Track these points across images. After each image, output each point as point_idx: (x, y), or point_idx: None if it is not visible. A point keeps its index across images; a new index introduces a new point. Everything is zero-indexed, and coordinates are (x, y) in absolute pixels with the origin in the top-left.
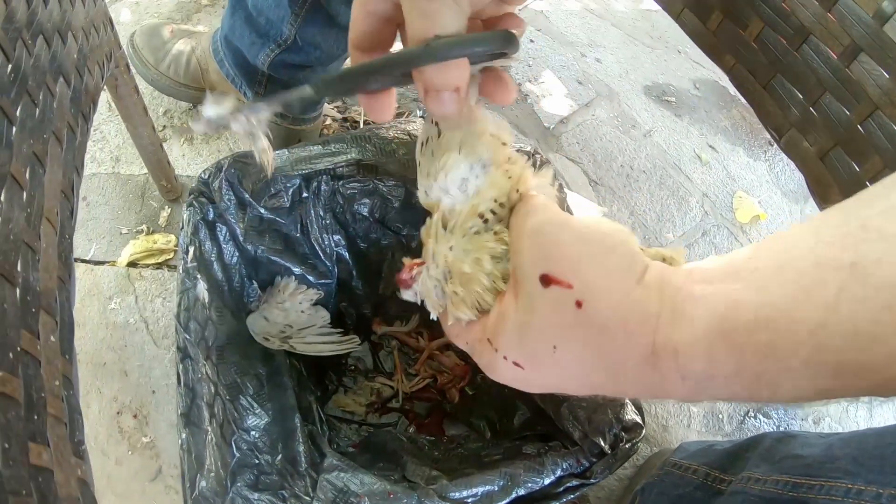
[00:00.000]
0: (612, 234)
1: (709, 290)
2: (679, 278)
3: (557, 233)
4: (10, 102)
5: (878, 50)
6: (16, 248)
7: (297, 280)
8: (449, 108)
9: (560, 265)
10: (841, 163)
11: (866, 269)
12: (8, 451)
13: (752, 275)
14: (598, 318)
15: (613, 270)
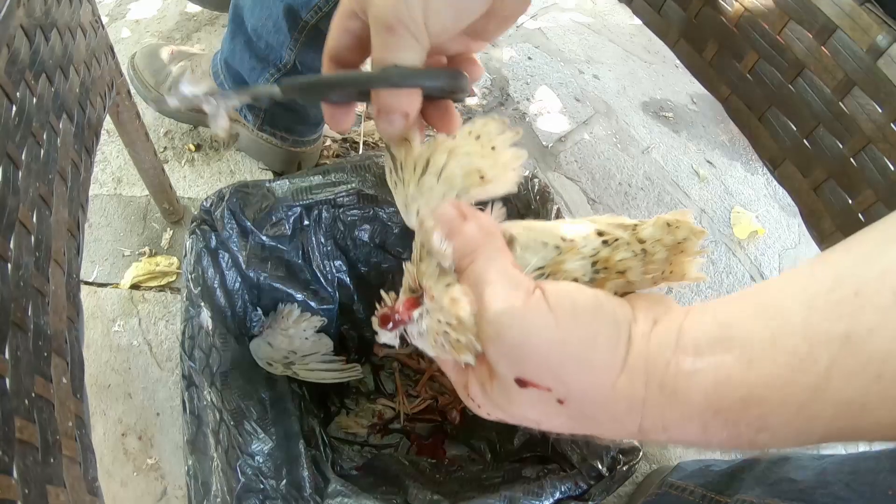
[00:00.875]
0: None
1: (700, 365)
2: (666, 352)
3: (524, 337)
4: (16, 146)
5: (872, 84)
6: (26, 295)
7: (300, 307)
8: (396, 128)
9: (535, 371)
10: (834, 195)
11: (859, 342)
12: (28, 497)
13: (740, 345)
14: (582, 412)
15: (596, 369)
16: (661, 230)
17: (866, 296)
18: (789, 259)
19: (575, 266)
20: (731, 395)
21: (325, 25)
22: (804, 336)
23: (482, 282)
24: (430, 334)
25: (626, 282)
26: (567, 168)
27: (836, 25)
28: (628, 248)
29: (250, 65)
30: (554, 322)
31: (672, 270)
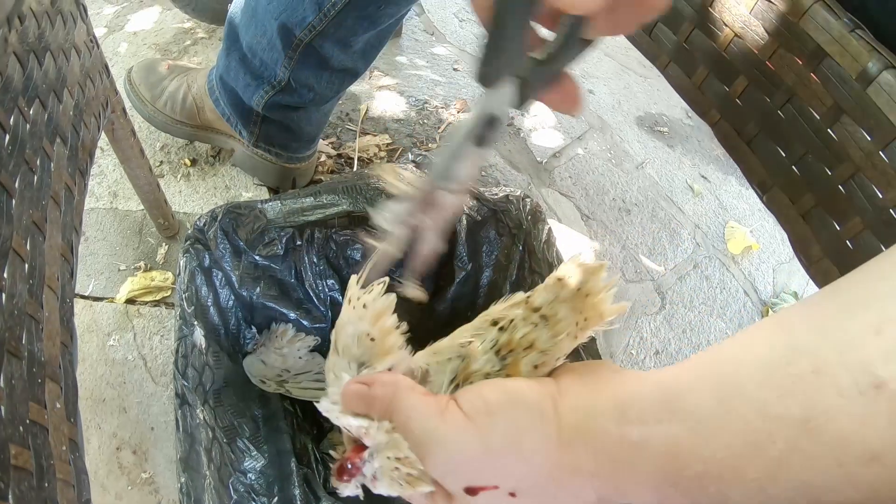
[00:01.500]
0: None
1: (647, 434)
2: (607, 422)
3: (451, 449)
4: (9, 175)
5: (861, 112)
6: (20, 323)
7: (294, 327)
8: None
9: (476, 476)
10: (822, 221)
11: (819, 426)
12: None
13: (692, 418)
14: (538, 496)
15: (529, 453)
16: (553, 289)
17: (826, 376)
18: (783, 273)
19: (481, 363)
20: (686, 469)
21: (319, 44)
22: (759, 412)
23: (405, 420)
24: (385, 473)
25: (539, 352)
26: (561, 184)
27: (826, 52)
28: (525, 323)
29: (245, 81)
30: (472, 427)
31: (587, 317)
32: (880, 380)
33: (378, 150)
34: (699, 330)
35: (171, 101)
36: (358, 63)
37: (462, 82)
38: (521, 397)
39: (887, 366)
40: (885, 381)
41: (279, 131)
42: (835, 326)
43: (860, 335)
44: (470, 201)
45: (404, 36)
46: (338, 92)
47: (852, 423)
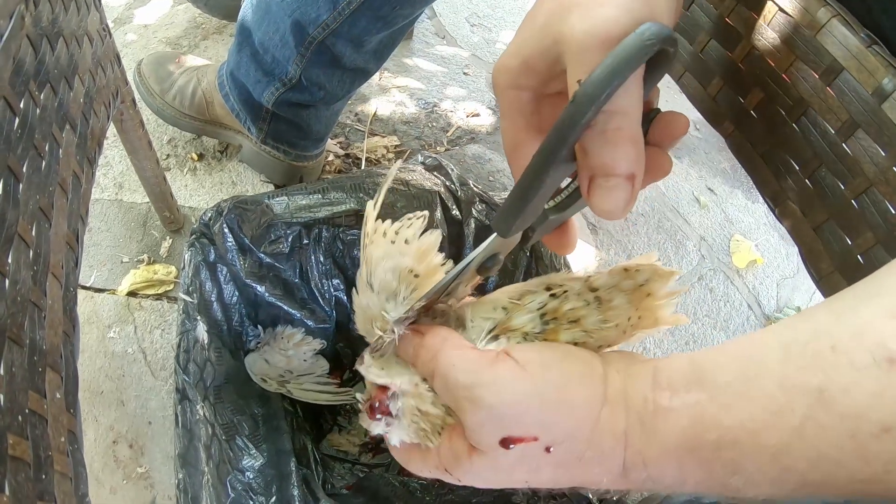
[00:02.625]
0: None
1: (676, 402)
2: (644, 386)
3: (502, 396)
4: (17, 159)
5: (876, 127)
6: (23, 310)
7: (303, 330)
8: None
9: (518, 426)
10: (834, 236)
11: (833, 398)
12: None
13: (717, 388)
14: (570, 455)
15: (578, 407)
16: (617, 276)
17: (842, 352)
18: (787, 288)
19: (523, 320)
20: (705, 434)
21: (332, 42)
22: (779, 384)
23: (449, 367)
24: (407, 414)
25: (583, 331)
26: None
27: (843, 66)
28: (579, 298)
29: (256, 77)
30: (526, 375)
31: (640, 316)
32: (894, 355)
33: (386, 151)
34: (702, 342)
35: (181, 94)
36: (370, 63)
37: (472, 86)
38: (574, 355)
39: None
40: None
41: (288, 128)
42: (851, 313)
43: (876, 319)
44: (479, 205)
45: (415, 38)
46: (349, 91)
47: (866, 395)
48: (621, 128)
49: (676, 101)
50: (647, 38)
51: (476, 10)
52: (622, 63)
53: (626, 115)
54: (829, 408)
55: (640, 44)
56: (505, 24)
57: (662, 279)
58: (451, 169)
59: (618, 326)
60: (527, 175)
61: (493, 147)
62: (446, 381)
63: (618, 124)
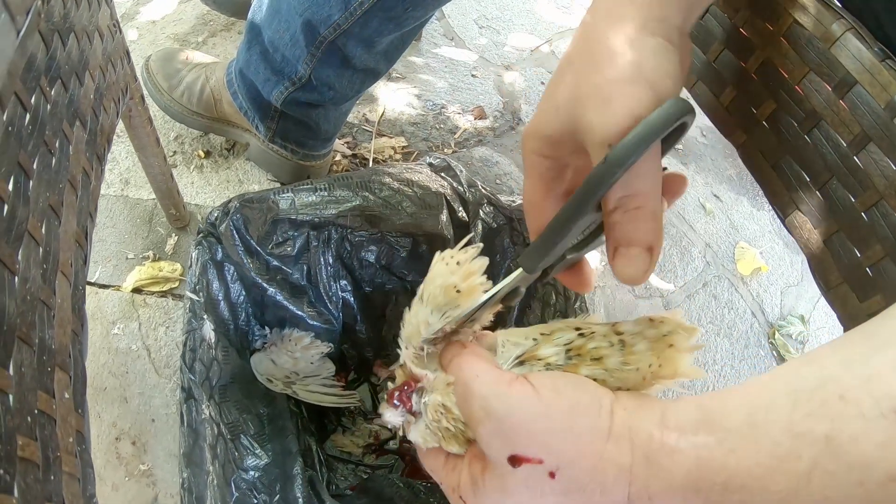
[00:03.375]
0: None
1: (683, 443)
2: (650, 425)
3: (512, 412)
4: (28, 155)
5: (888, 141)
6: (32, 308)
7: (312, 335)
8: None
9: (526, 445)
10: (843, 248)
11: (841, 446)
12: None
13: (725, 432)
14: (573, 484)
15: (582, 435)
16: (642, 325)
17: (850, 401)
18: (791, 296)
19: (549, 352)
20: (712, 477)
21: (343, 42)
22: (787, 430)
23: (468, 380)
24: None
25: (604, 370)
26: None
27: (856, 80)
28: (604, 339)
29: (265, 76)
30: (537, 396)
31: (661, 364)
32: None
33: (393, 152)
34: (706, 349)
35: (189, 91)
36: (380, 64)
37: (479, 89)
38: (585, 387)
39: None
40: None
41: (296, 128)
42: (861, 361)
43: (884, 369)
44: (486, 207)
45: (424, 40)
46: (358, 92)
47: (874, 445)
48: (642, 207)
49: None
50: (673, 114)
51: (485, 12)
52: (649, 134)
53: (646, 195)
54: (836, 456)
55: (666, 118)
56: (513, 27)
57: (686, 332)
58: (459, 170)
59: (638, 371)
60: (557, 221)
61: (500, 150)
62: (467, 390)
63: (638, 203)
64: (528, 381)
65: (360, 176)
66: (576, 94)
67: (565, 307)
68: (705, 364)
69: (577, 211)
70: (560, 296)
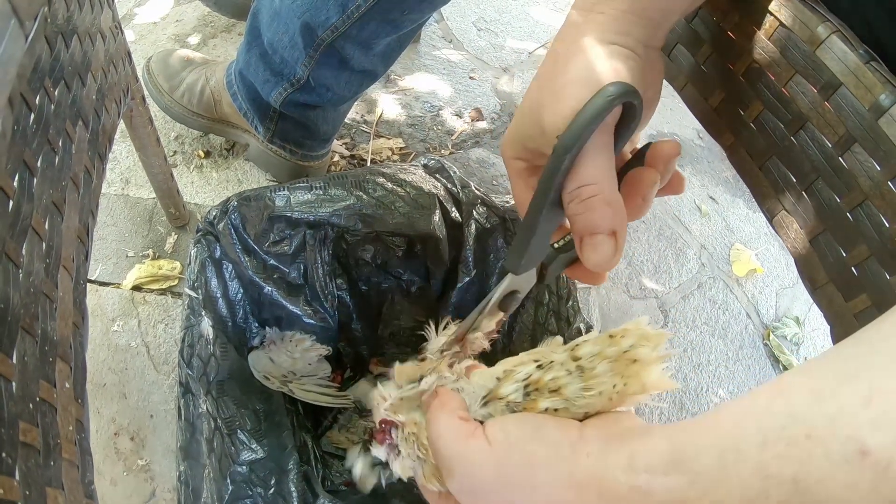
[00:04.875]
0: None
1: (654, 485)
2: (617, 470)
3: (471, 471)
4: (33, 154)
5: (872, 142)
6: (35, 301)
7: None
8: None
9: (488, 497)
10: (829, 247)
11: (808, 488)
12: (28, 498)
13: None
14: None
15: (541, 488)
16: (601, 344)
17: (817, 441)
18: (786, 298)
19: (508, 390)
20: None
21: (341, 45)
22: (757, 472)
23: (435, 437)
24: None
25: (564, 399)
26: None
27: (841, 82)
28: (561, 367)
29: (264, 77)
30: (491, 455)
31: (626, 383)
32: (866, 447)
33: (391, 153)
34: (700, 349)
35: (189, 92)
36: (377, 65)
37: (477, 91)
38: (542, 435)
39: (873, 435)
40: (870, 449)
41: (295, 128)
42: (828, 395)
43: (850, 404)
44: (480, 208)
45: (422, 42)
46: (356, 93)
47: (839, 486)
48: (596, 194)
49: (680, 109)
50: (608, 95)
51: (483, 14)
52: (588, 117)
53: (598, 183)
54: (805, 498)
55: (602, 100)
56: (511, 30)
57: (650, 343)
58: (453, 171)
59: (601, 394)
60: (525, 218)
61: (497, 151)
62: (434, 447)
63: (592, 192)
64: (485, 433)
65: (354, 175)
66: (537, 100)
67: (558, 306)
68: (700, 365)
69: (540, 204)
70: (553, 295)
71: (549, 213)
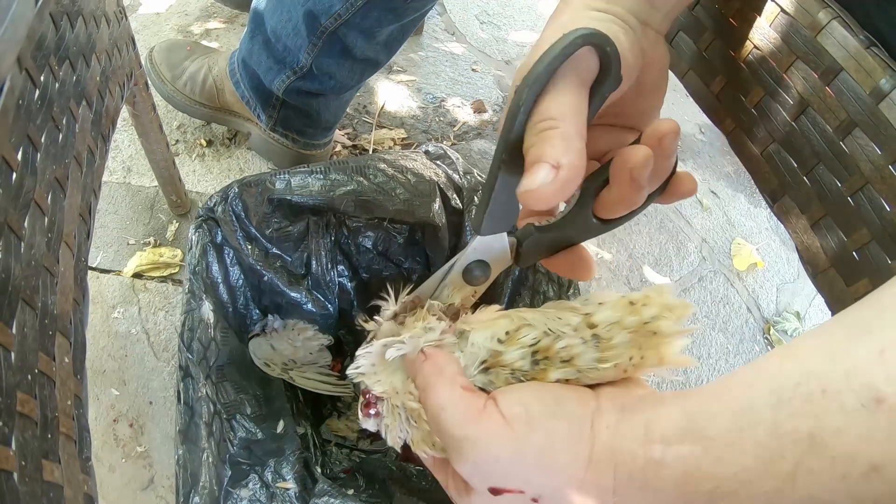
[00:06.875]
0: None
1: (668, 455)
2: (633, 443)
3: (486, 451)
4: (37, 129)
5: (873, 127)
6: (36, 273)
7: (315, 328)
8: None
9: (503, 480)
10: (830, 232)
11: (824, 442)
12: (25, 469)
13: (710, 440)
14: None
15: (561, 470)
16: (621, 311)
17: (832, 395)
18: (787, 293)
19: (514, 356)
20: (700, 486)
21: (344, 33)
22: (772, 432)
23: (439, 409)
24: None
25: (576, 370)
26: None
27: (842, 67)
28: (575, 335)
29: (267, 65)
30: (510, 434)
31: (643, 356)
32: (882, 395)
33: (393, 143)
34: (700, 343)
35: (192, 81)
36: (380, 54)
37: (479, 83)
38: (563, 412)
39: (889, 384)
40: (885, 397)
41: (297, 117)
42: (842, 352)
43: (865, 359)
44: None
45: (425, 34)
46: (358, 81)
47: (855, 438)
48: (553, 127)
49: (683, 103)
50: (573, 34)
51: (486, 7)
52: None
53: (558, 118)
54: (819, 452)
55: (564, 41)
56: (514, 23)
57: (673, 313)
58: (455, 158)
59: (616, 366)
60: (490, 167)
61: None
62: (436, 422)
63: (549, 125)
64: (499, 408)
65: (356, 161)
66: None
67: (558, 295)
68: (700, 358)
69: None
70: (553, 283)
71: (515, 164)
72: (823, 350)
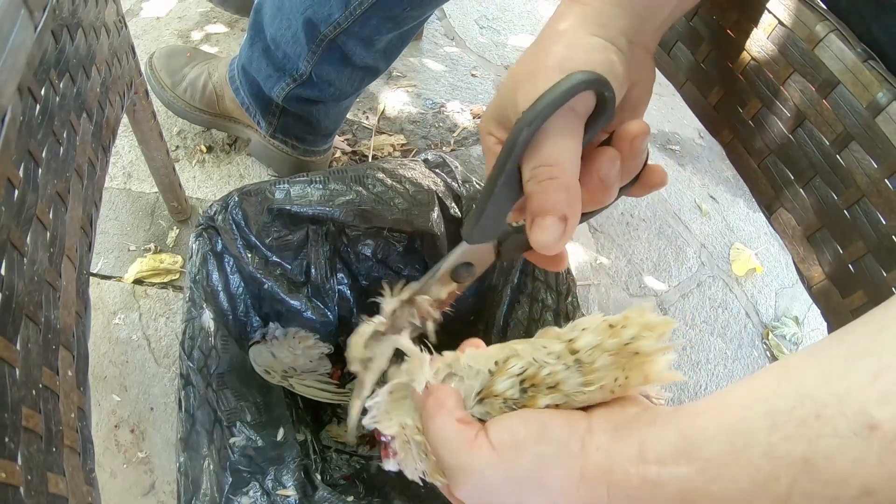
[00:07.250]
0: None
1: (664, 475)
2: (627, 462)
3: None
4: (38, 144)
5: (869, 140)
6: (39, 289)
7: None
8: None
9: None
10: (826, 244)
11: (817, 466)
12: (30, 482)
13: (705, 461)
14: None
15: (552, 487)
16: (601, 334)
17: (826, 420)
18: (786, 298)
19: (503, 386)
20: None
21: (343, 41)
22: (766, 454)
23: (437, 443)
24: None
25: (564, 395)
26: None
27: (839, 80)
28: (558, 361)
29: (267, 72)
30: (498, 460)
31: (627, 376)
32: (875, 421)
33: (393, 149)
34: (699, 348)
35: (192, 88)
36: (379, 62)
37: (479, 88)
38: (549, 434)
39: (881, 408)
40: (878, 423)
41: (297, 123)
42: (837, 374)
43: (859, 382)
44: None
45: (425, 39)
46: (358, 89)
47: (848, 462)
48: (554, 177)
49: (682, 108)
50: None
51: (485, 12)
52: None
53: (558, 166)
54: (813, 476)
55: (567, 83)
56: (513, 28)
57: (653, 333)
58: (455, 166)
59: (602, 388)
60: (484, 188)
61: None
62: (437, 453)
63: (551, 174)
64: (488, 437)
65: (354, 170)
66: (515, 80)
67: (557, 303)
68: (699, 363)
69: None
70: (552, 291)
71: (508, 187)
72: (819, 371)
